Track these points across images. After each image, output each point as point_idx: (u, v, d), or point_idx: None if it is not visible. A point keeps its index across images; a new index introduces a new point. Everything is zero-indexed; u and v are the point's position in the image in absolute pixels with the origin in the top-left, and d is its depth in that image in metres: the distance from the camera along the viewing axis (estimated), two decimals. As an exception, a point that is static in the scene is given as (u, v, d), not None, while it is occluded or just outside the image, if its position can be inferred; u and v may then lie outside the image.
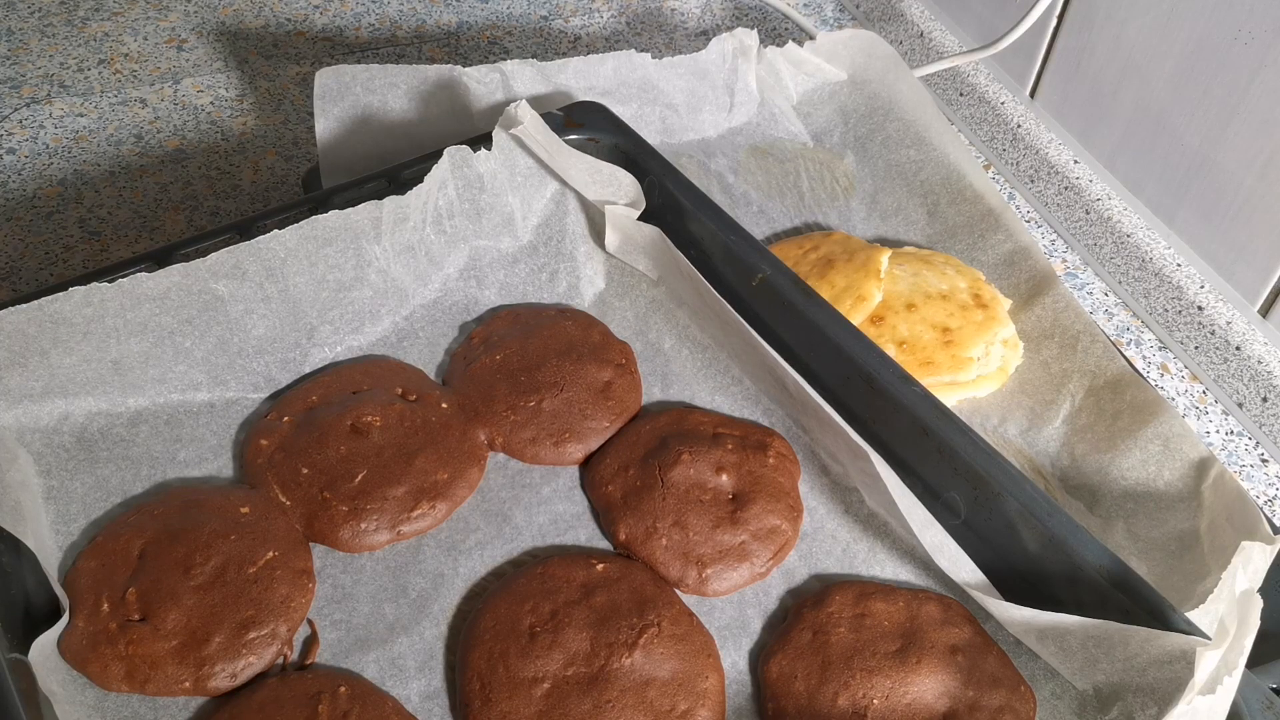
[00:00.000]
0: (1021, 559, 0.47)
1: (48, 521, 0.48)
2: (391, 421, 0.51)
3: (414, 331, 0.57)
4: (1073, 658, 0.44)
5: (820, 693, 0.44)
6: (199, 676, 0.43)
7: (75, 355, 0.49)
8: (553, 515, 0.50)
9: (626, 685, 0.44)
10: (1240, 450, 0.60)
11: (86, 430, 0.50)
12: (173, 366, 0.51)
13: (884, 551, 0.49)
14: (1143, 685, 0.42)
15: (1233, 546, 0.44)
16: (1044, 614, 0.44)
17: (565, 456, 0.52)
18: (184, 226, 0.67)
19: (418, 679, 0.45)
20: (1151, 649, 0.41)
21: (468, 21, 0.83)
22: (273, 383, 0.54)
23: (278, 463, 0.50)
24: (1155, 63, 0.63)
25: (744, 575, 0.48)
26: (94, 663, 0.43)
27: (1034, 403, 0.56)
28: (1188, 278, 0.63)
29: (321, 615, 0.46)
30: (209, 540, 0.46)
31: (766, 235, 0.65)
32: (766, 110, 0.70)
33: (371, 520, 0.48)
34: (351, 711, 0.42)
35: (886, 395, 0.50)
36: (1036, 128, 0.72)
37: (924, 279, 0.59)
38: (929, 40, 0.79)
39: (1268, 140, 0.58)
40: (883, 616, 0.46)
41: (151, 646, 0.43)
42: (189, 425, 0.51)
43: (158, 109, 0.74)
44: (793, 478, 0.51)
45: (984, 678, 0.44)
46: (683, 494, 0.49)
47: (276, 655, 0.45)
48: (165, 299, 0.50)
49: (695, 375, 0.56)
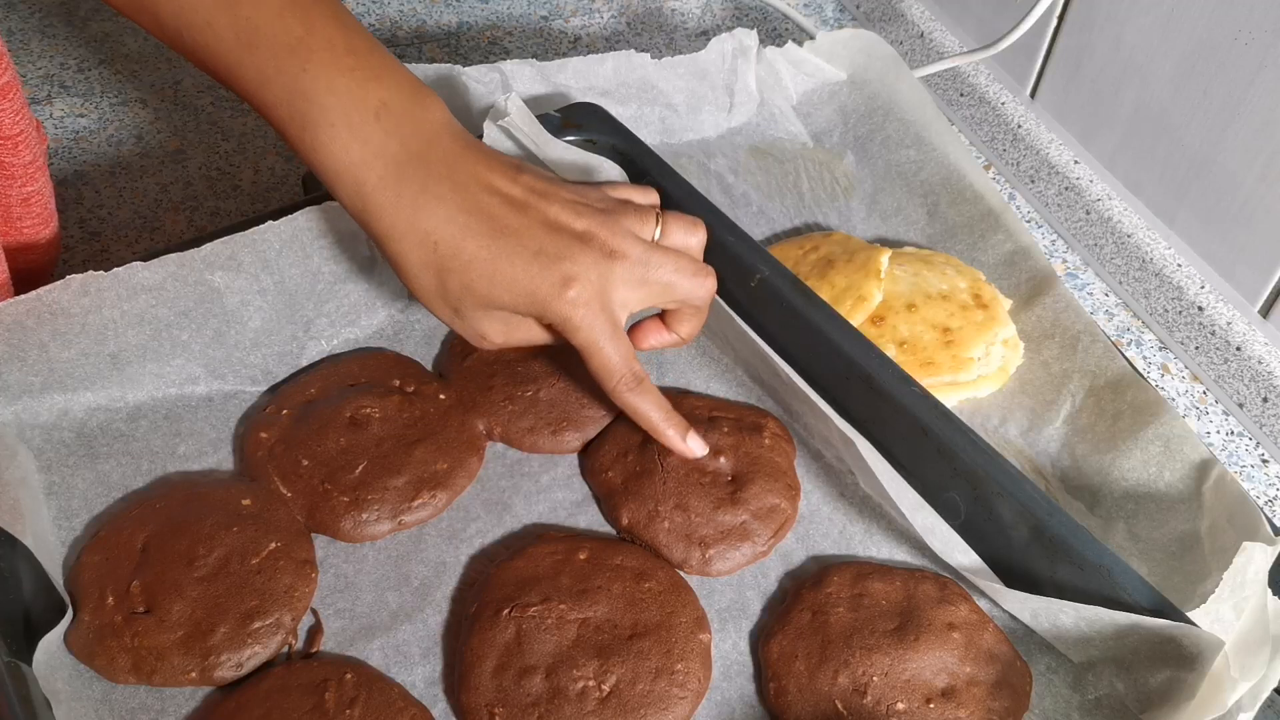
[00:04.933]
0: (1021, 560, 0.47)
1: (49, 517, 0.48)
2: (390, 413, 0.51)
3: (410, 324, 0.57)
4: (1066, 634, 0.45)
5: (821, 671, 0.45)
6: (205, 667, 0.44)
7: (74, 349, 0.49)
8: (552, 503, 0.51)
9: (624, 654, 0.45)
10: (1241, 451, 0.60)
11: (86, 425, 0.50)
12: (170, 360, 0.51)
13: (880, 532, 0.50)
14: (1135, 663, 0.43)
15: (1233, 548, 0.44)
16: (1035, 597, 0.45)
17: (563, 445, 0.52)
18: (184, 227, 0.67)
19: (422, 665, 0.45)
20: (1143, 630, 0.42)
21: (468, 21, 0.83)
22: (270, 376, 0.54)
23: (278, 455, 0.50)
24: (1155, 63, 0.63)
25: (746, 554, 0.49)
26: (100, 655, 0.44)
27: (1035, 403, 0.56)
28: (1188, 278, 0.63)
29: (325, 604, 0.47)
30: (211, 532, 0.47)
31: (766, 235, 0.65)
32: (766, 110, 0.70)
33: (373, 510, 0.49)
34: (358, 698, 0.43)
35: (886, 396, 0.50)
36: (1037, 128, 0.72)
37: (924, 279, 0.59)
38: (929, 40, 0.79)
39: (1268, 140, 0.58)
40: (880, 596, 0.47)
41: (157, 638, 0.44)
42: (188, 419, 0.52)
43: (158, 109, 0.74)
44: (789, 457, 0.52)
45: (980, 653, 0.45)
46: (682, 477, 0.50)
47: (281, 644, 0.45)
48: (162, 289, 0.50)
49: (689, 362, 0.56)
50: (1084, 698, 0.45)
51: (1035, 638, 0.46)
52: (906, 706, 0.44)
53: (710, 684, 0.45)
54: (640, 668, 0.44)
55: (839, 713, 0.44)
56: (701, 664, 0.45)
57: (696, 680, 0.45)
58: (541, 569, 0.47)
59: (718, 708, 0.45)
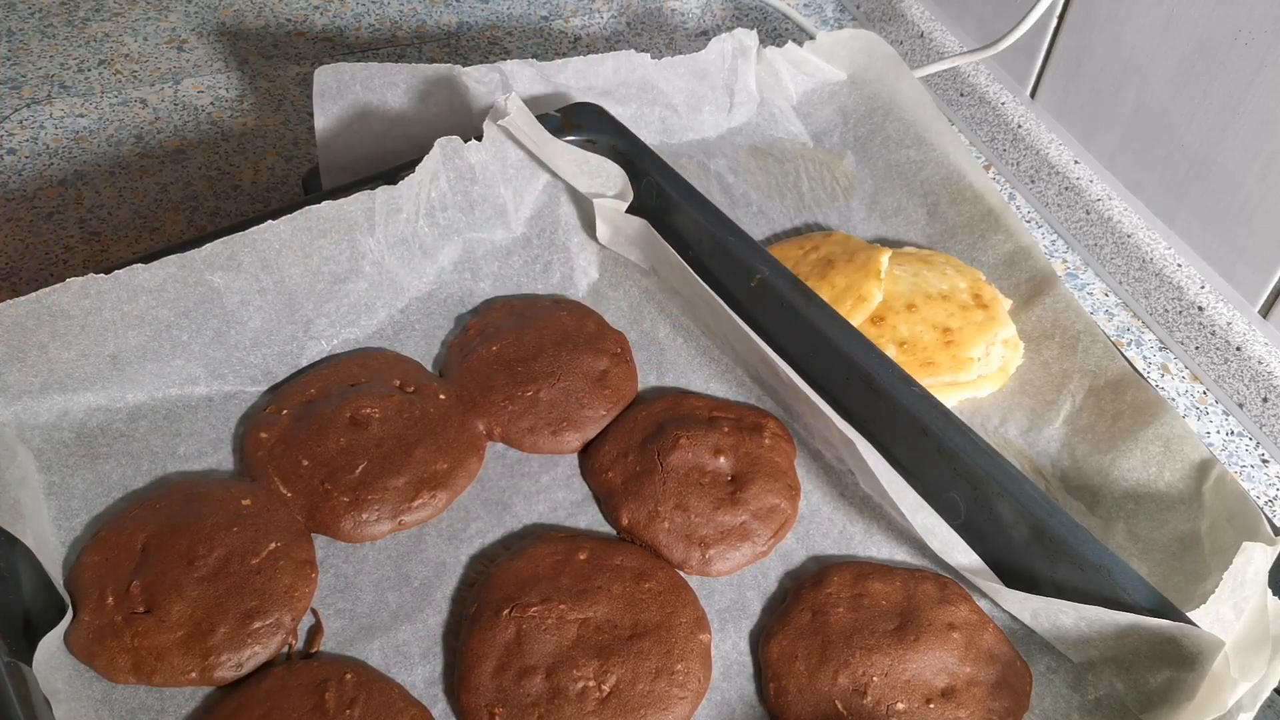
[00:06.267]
0: (1022, 560, 0.47)
1: (49, 517, 0.48)
2: (390, 413, 0.51)
3: (410, 324, 0.57)
4: (1066, 634, 0.45)
5: (821, 672, 0.45)
6: (205, 667, 0.44)
7: (74, 350, 0.49)
8: (552, 503, 0.51)
9: (624, 654, 0.45)
10: (1241, 451, 0.60)
11: (86, 426, 0.50)
12: (170, 360, 0.51)
13: (880, 533, 0.50)
14: (1135, 663, 0.43)
15: (1233, 548, 0.44)
16: (1035, 597, 0.45)
17: (563, 445, 0.52)
18: (184, 227, 0.67)
19: (422, 665, 0.45)
20: (1143, 630, 0.42)
21: (468, 21, 0.83)
22: (270, 376, 0.54)
23: (278, 455, 0.50)
24: (1155, 63, 0.63)
25: (746, 554, 0.49)
26: (100, 655, 0.44)
27: (1035, 403, 0.56)
28: (1188, 278, 0.63)
29: (325, 604, 0.47)
30: (211, 532, 0.47)
31: (766, 236, 0.65)
32: (766, 110, 0.70)
33: (373, 510, 0.49)
34: (358, 698, 0.43)
35: (886, 396, 0.50)
36: (1037, 128, 0.72)
37: (924, 279, 0.59)
38: (929, 40, 0.79)
39: (1268, 140, 0.58)
40: (880, 596, 0.47)
41: (157, 638, 0.44)
42: (188, 419, 0.52)
43: (158, 109, 0.74)
44: (789, 457, 0.52)
45: (980, 653, 0.45)
46: (682, 477, 0.50)
47: (281, 644, 0.45)
48: (162, 291, 0.50)
49: (689, 363, 0.56)
50: (1084, 698, 0.45)
51: (1035, 638, 0.46)
52: (906, 707, 0.44)
53: (710, 684, 0.45)
54: (640, 668, 0.44)
55: (839, 713, 0.44)
56: (701, 664, 0.45)
57: (696, 680, 0.45)
58: (541, 569, 0.47)
59: (718, 708, 0.45)
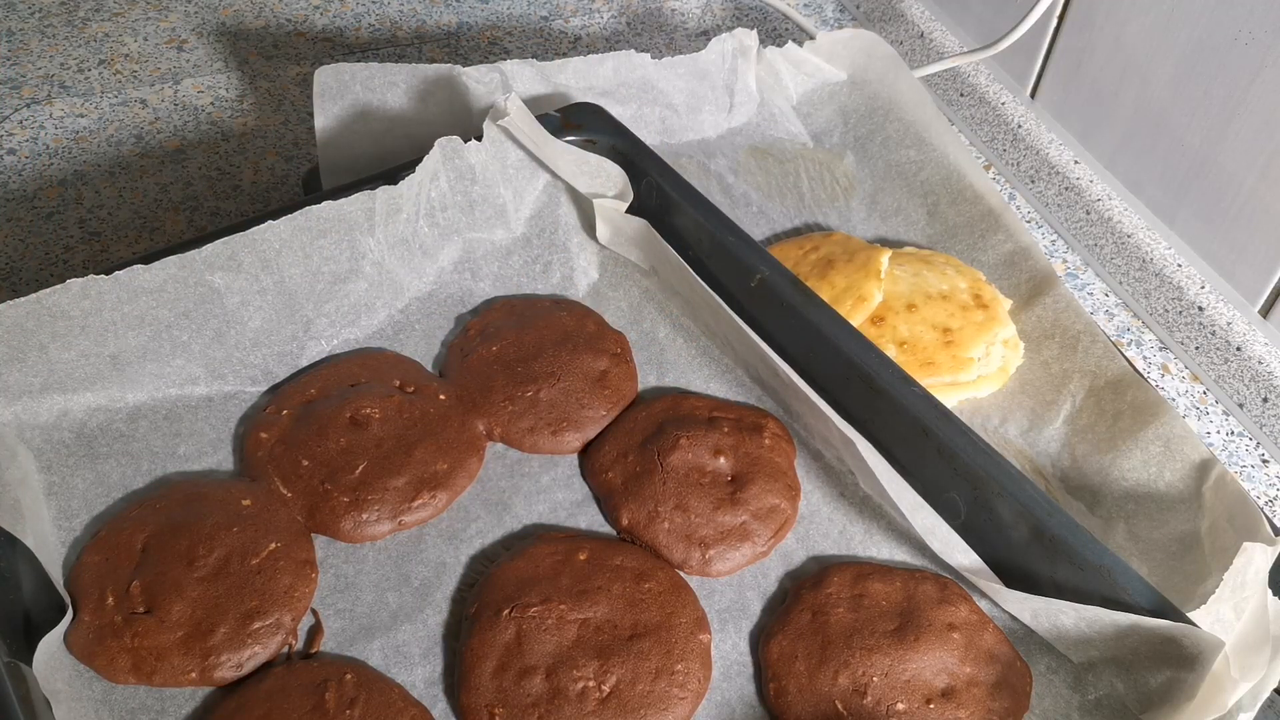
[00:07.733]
0: (1022, 560, 0.46)
1: (49, 517, 0.48)
2: (390, 413, 0.51)
3: (410, 324, 0.57)
4: (1066, 635, 0.45)
5: (821, 672, 0.45)
6: (205, 667, 0.44)
7: (74, 350, 0.49)
8: (552, 503, 0.51)
9: (624, 654, 0.45)
10: (1241, 451, 0.60)
11: (86, 426, 0.50)
12: (170, 361, 0.51)
13: (880, 533, 0.50)
14: (1135, 663, 0.43)
15: (1234, 548, 0.44)
16: (1035, 597, 0.45)
17: (563, 445, 0.52)
18: (184, 227, 0.67)
19: (422, 665, 0.45)
20: (1143, 631, 0.42)
21: (468, 22, 0.83)
22: (270, 376, 0.54)
23: (278, 455, 0.50)
24: (1156, 63, 0.63)
25: (746, 554, 0.49)
26: (100, 656, 0.44)
27: (1035, 403, 0.56)
28: (1188, 278, 0.63)
29: (325, 605, 0.47)
30: (211, 533, 0.47)
31: (766, 236, 0.65)
32: (766, 110, 0.70)
33: (373, 511, 0.49)
34: (358, 699, 0.43)
35: (886, 396, 0.50)
36: (1037, 128, 0.72)
37: (924, 279, 0.59)
38: (929, 40, 0.79)
39: (1268, 140, 0.58)
40: (880, 596, 0.47)
41: (157, 638, 0.44)
42: (188, 420, 0.52)
43: (158, 109, 0.74)
44: (789, 458, 0.52)
45: (981, 654, 0.45)
46: (682, 477, 0.50)
47: (281, 645, 0.45)
48: (162, 291, 0.50)
49: (689, 363, 0.56)
50: (1084, 698, 0.45)
51: (1035, 638, 0.46)
52: (906, 707, 0.44)
53: (710, 684, 0.45)
54: (640, 668, 0.44)
55: (839, 713, 0.44)
56: (701, 664, 0.45)
57: (696, 680, 0.45)
58: (541, 569, 0.47)
59: (718, 708, 0.45)
